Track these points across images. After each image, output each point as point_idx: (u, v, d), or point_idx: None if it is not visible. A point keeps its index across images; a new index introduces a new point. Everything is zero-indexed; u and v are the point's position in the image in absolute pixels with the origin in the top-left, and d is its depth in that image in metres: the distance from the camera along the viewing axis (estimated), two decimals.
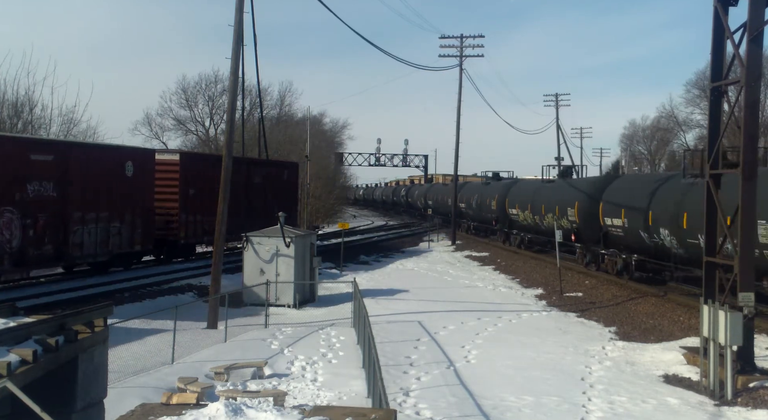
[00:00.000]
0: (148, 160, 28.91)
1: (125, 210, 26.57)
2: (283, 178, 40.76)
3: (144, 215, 27.88)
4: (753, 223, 14.10)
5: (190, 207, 31.51)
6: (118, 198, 26.04)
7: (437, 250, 45.54)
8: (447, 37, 49.85)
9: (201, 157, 36.98)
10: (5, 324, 6.54)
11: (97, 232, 24.91)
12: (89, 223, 24.45)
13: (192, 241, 32.95)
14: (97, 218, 24.88)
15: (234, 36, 20.89)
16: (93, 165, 24.60)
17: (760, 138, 19.17)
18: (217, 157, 39.29)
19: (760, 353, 15.16)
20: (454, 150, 51.37)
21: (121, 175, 26.43)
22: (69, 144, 26.12)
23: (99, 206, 25.01)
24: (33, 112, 38.41)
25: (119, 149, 28.70)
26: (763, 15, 13.92)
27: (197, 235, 32.78)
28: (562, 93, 72.00)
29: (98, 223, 24.97)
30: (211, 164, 33.98)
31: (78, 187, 23.77)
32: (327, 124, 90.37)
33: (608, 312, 22.54)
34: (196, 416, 6.55)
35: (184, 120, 66.62)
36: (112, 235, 25.87)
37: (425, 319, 21.03)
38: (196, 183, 31.92)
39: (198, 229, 32.46)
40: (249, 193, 35.65)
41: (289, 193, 41.74)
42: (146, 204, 28.23)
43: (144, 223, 27.87)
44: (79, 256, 24.54)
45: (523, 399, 13.05)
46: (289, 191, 41.78)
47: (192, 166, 32.18)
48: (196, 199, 31.94)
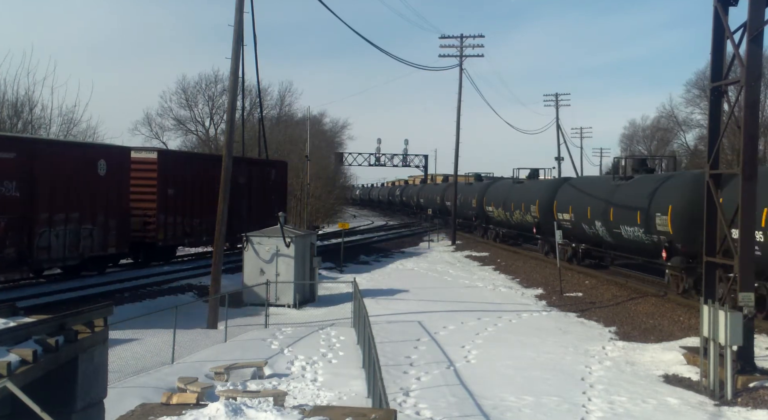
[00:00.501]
0: (123, 159, 27.58)
1: (98, 211, 25.25)
2: (270, 178, 39.34)
3: (118, 216, 26.61)
4: (753, 223, 14.10)
5: (169, 207, 30.21)
6: (90, 198, 24.76)
7: (437, 250, 45.55)
8: (447, 37, 49.89)
9: (181, 156, 35.63)
10: (5, 324, 6.53)
11: (66, 235, 23.55)
12: (57, 224, 23.11)
13: (172, 243, 31.51)
14: (66, 219, 23.55)
15: (234, 36, 20.90)
16: (61, 163, 23.32)
17: (760, 138, 19.28)
18: (199, 156, 37.91)
19: (760, 353, 15.16)
20: (454, 150, 51.46)
21: (93, 174, 25.09)
22: (34, 140, 24.99)
23: (68, 207, 23.69)
24: (33, 112, 38.44)
25: (91, 147, 27.38)
26: (763, 15, 13.92)
27: (177, 236, 31.38)
28: (562, 93, 72.12)
29: (68, 225, 23.63)
30: (192, 163, 33.13)
31: (45, 187, 22.55)
32: (327, 124, 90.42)
33: (608, 312, 22.55)
34: (196, 416, 6.54)
35: (184, 120, 66.67)
36: (84, 238, 24.49)
37: (425, 319, 21.04)
38: (176, 182, 30.67)
39: (178, 230, 31.11)
40: (232, 195, 34.76)
41: (278, 194, 40.18)
42: (121, 204, 26.93)
43: (119, 224, 26.54)
44: (46, 260, 23.25)
45: (523, 399, 13.05)
46: (278, 192, 40.31)
47: (171, 164, 30.86)
48: (177, 200, 30.70)
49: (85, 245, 24.65)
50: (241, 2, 20.74)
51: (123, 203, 27.12)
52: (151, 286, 25.56)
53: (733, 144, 41.05)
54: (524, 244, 42.48)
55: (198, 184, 32.24)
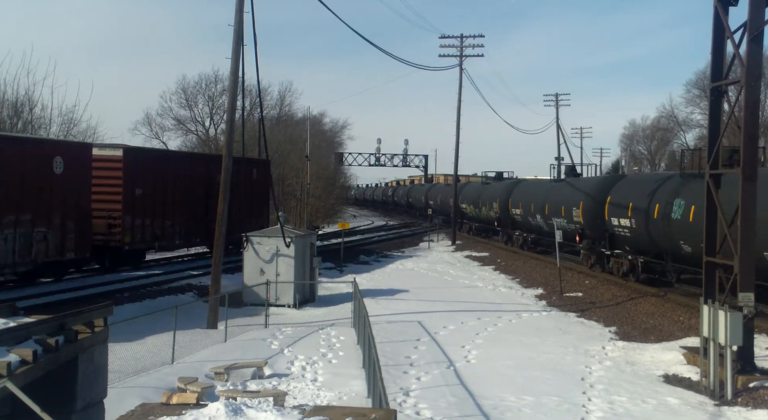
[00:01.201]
0: (83, 156, 25.20)
1: (53, 212, 23.08)
2: (251, 177, 37.27)
3: (78, 218, 24.28)
4: (753, 223, 14.10)
5: (137, 208, 27.94)
6: (45, 198, 22.68)
7: (437, 250, 45.54)
8: (447, 37, 49.87)
9: (151, 153, 33.24)
10: (5, 324, 6.53)
11: (15, 239, 21.45)
12: (5, 227, 21.13)
13: (140, 246, 29.01)
14: (15, 222, 21.50)
15: (234, 36, 20.90)
16: (11, 160, 21.44)
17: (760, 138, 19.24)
18: (171, 154, 35.45)
19: (760, 353, 15.16)
20: (454, 150, 51.45)
21: (49, 172, 23.00)
22: None
23: (19, 208, 21.61)
24: (33, 112, 38.45)
25: (46, 143, 25.34)
26: (763, 15, 13.92)
27: (146, 240, 28.93)
28: (562, 93, 71.98)
29: (17, 228, 21.54)
30: (163, 161, 30.86)
31: None
32: (327, 124, 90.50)
33: (608, 312, 22.55)
34: (196, 416, 6.54)
35: (184, 120, 66.64)
36: (37, 242, 22.36)
37: (425, 319, 21.04)
38: (145, 181, 28.41)
39: (147, 233, 28.73)
40: (210, 194, 31.80)
41: (260, 194, 38.10)
42: (81, 205, 24.54)
43: (78, 227, 24.23)
44: None
45: (523, 399, 13.05)
46: (260, 192, 38.14)
47: (139, 162, 28.42)
48: (146, 200, 28.41)
49: (39, 250, 22.56)
50: (241, 2, 20.74)
51: (83, 204, 24.79)
52: (151, 286, 25.56)
53: (733, 144, 41.04)
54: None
55: (170, 184, 30.24)
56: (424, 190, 74.98)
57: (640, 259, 25.25)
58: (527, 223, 38.08)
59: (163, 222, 29.92)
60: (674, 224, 21.62)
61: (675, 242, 21.89)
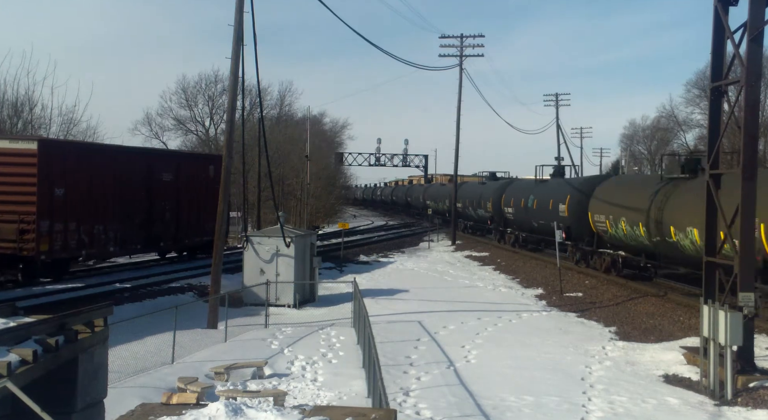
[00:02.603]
0: None
1: None
2: (208, 175, 32.90)
3: None
4: (753, 223, 14.10)
5: (57, 211, 23.81)
6: None
7: (437, 250, 45.54)
8: (447, 37, 49.86)
9: (75, 147, 28.01)
10: (5, 324, 6.54)
11: None
12: None
13: (62, 255, 24.65)
14: None
15: (234, 36, 20.90)
16: None
17: (760, 138, 19.35)
18: (103, 148, 30.10)
19: (760, 353, 15.16)
20: (454, 150, 51.46)
21: None
22: None
23: None
24: (33, 111, 38.53)
25: None
26: (763, 15, 13.91)
27: (71, 248, 24.68)
28: (562, 93, 72.02)
29: None
30: (93, 156, 26.61)
31: None
32: (327, 124, 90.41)
33: (608, 312, 22.54)
34: (196, 416, 6.54)
35: (184, 120, 66.60)
36: None
37: (425, 319, 21.04)
38: (68, 179, 24.33)
39: (71, 240, 24.57)
40: (152, 194, 29.22)
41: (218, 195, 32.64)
42: None
43: None
44: None
45: (523, 399, 13.05)
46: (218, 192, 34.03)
47: (60, 157, 24.35)
48: (70, 201, 24.30)
49: None
50: (241, 2, 20.74)
51: None
52: (151, 286, 25.56)
53: (733, 144, 41.03)
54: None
55: (102, 182, 26.33)
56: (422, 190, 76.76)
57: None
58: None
59: (92, 227, 25.70)
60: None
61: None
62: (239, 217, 44.69)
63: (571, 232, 31.77)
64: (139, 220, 28.52)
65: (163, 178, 30.18)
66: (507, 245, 42.51)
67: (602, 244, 29.46)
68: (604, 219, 27.88)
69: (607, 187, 29.48)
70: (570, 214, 31.58)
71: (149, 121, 67.03)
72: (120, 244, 27.58)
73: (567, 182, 35.93)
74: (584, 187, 31.49)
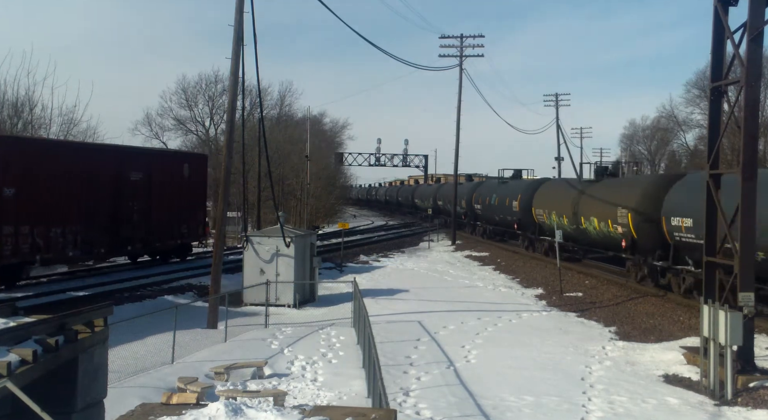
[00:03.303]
0: None
1: None
2: (181, 174, 31.59)
3: None
4: (753, 223, 14.09)
5: (6, 213, 22.01)
6: None
7: (437, 250, 45.54)
8: (447, 37, 49.87)
9: (32, 144, 26.48)
10: (5, 324, 6.54)
11: None
12: None
13: (11, 260, 22.47)
14: None
15: (234, 36, 20.90)
16: None
17: (760, 138, 19.41)
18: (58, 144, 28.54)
19: (760, 353, 15.16)
20: (454, 150, 51.46)
21: None
22: None
23: None
24: (33, 112, 38.53)
25: None
26: (763, 15, 13.91)
27: (22, 252, 22.62)
28: (562, 93, 72.06)
29: None
30: (48, 154, 24.60)
31: None
32: (327, 124, 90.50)
33: (608, 312, 22.54)
34: (196, 416, 6.53)
35: (184, 120, 66.67)
36: None
37: (425, 319, 21.03)
38: (19, 178, 22.52)
39: (23, 244, 22.61)
40: (120, 195, 27.45)
41: (193, 196, 32.32)
42: None
43: None
44: None
45: (523, 399, 13.05)
46: (194, 192, 32.37)
47: (11, 155, 22.62)
48: (21, 202, 22.44)
49: None
50: (241, 2, 20.74)
51: None
52: (151, 286, 25.57)
53: (733, 144, 41.06)
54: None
55: (61, 182, 24.44)
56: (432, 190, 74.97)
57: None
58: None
59: (49, 229, 23.64)
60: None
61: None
62: (239, 217, 44.65)
63: (521, 223, 39.68)
64: (104, 222, 26.52)
65: (131, 177, 28.37)
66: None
67: (543, 233, 36.92)
68: (542, 213, 35.73)
69: (546, 188, 37.69)
70: (520, 209, 39.30)
71: (149, 121, 67.16)
72: (82, 247, 25.29)
73: (519, 183, 44.08)
74: (531, 188, 39.38)
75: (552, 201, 34.69)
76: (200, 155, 35.66)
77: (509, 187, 43.87)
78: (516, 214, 40.06)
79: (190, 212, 32.15)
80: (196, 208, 33.06)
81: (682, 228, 21.24)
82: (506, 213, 42.46)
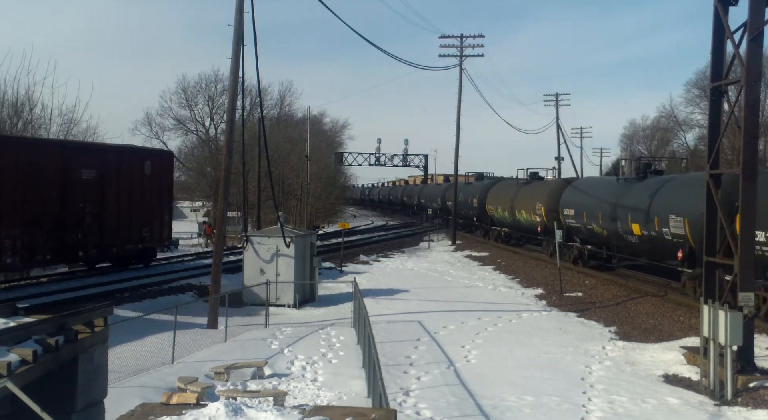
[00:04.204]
0: None
1: None
2: (142, 172, 28.74)
3: None
4: (753, 223, 14.09)
5: None
6: None
7: (437, 250, 45.54)
8: (447, 37, 49.85)
9: None
10: (5, 324, 6.54)
11: None
12: None
13: None
14: None
15: (234, 36, 20.90)
16: None
17: (760, 138, 19.44)
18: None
19: (760, 353, 15.16)
20: (454, 150, 51.46)
21: None
22: None
23: None
24: (33, 112, 38.50)
25: None
26: (763, 15, 13.91)
27: None
28: (562, 93, 72.05)
29: None
30: None
31: None
32: (327, 124, 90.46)
33: (608, 312, 22.54)
34: (196, 416, 6.54)
35: (184, 120, 66.53)
36: None
37: (425, 318, 21.03)
38: None
39: None
40: (68, 195, 24.45)
41: (156, 196, 29.53)
42: None
43: None
44: None
45: (523, 399, 13.05)
46: (157, 193, 29.58)
47: None
48: None
49: None
50: (241, 2, 20.74)
51: None
52: (151, 286, 25.56)
53: (733, 144, 41.04)
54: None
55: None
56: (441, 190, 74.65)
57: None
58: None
59: None
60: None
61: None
62: (239, 217, 44.63)
63: (479, 216, 49.01)
64: (49, 226, 23.39)
65: (82, 175, 25.17)
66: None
67: (494, 224, 46.31)
68: (493, 207, 44.95)
69: (496, 187, 46.96)
70: (478, 204, 48.50)
71: (149, 121, 67.01)
72: (21, 254, 22.31)
73: (479, 184, 52.63)
74: (485, 188, 48.47)
75: (497, 197, 40.21)
76: (164, 152, 32.11)
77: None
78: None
79: (152, 214, 29.34)
80: (159, 210, 30.07)
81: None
82: (469, 208, 48.70)
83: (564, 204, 32.46)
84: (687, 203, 21.04)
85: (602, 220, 27.88)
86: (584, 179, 44.49)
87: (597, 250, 30.52)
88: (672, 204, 22.31)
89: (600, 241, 29.64)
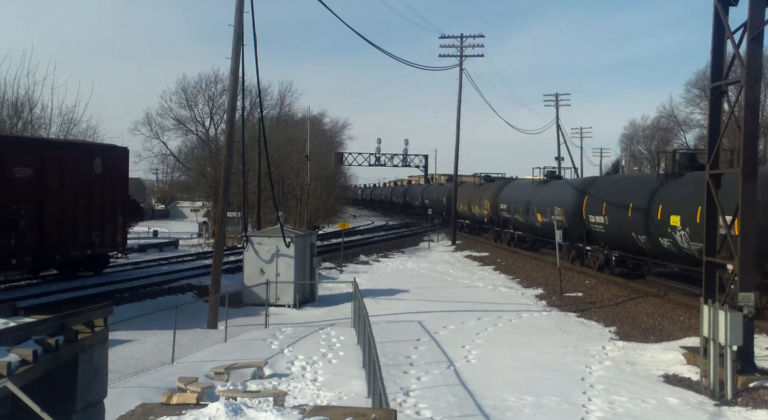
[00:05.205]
0: None
1: None
2: (91, 170, 25.76)
3: None
4: (753, 223, 14.09)
5: None
6: None
7: (437, 250, 45.54)
8: (447, 37, 49.89)
9: None
10: (5, 324, 6.53)
11: None
12: None
13: None
14: None
15: (234, 36, 20.89)
16: None
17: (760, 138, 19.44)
18: None
19: (760, 353, 15.16)
20: (454, 150, 51.50)
21: None
22: None
23: None
24: (33, 112, 38.54)
25: None
26: (763, 15, 13.91)
27: None
28: (562, 93, 72.08)
29: None
30: None
31: None
32: (327, 124, 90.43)
33: (608, 312, 22.54)
34: (196, 416, 6.54)
35: (184, 120, 66.52)
36: None
37: (425, 319, 21.03)
38: None
39: None
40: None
41: (109, 197, 26.49)
42: None
43: None
44: None
45: (523, 399, 13.05)
46: (109, 193, 26.56)
47: None
48: None
49: None
50: (241, 2, 20.73)
51: None
52: (151, 286, 25.57)
53: (733, 144, 41.04)
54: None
55: None
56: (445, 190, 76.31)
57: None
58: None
59: None
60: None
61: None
62: (239, 217, 44.61)
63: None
64: None
65: (16, 173, 22.09)
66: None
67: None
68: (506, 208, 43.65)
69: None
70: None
71: (149, 121, 67.00)
72: None
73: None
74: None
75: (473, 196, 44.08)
76: (118, 148, 28.21)
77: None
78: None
79: (103, 217, 26.24)
80: (112, 212, 26.89)
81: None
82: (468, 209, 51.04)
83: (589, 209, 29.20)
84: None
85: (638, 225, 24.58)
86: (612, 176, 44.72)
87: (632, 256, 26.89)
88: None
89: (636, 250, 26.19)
